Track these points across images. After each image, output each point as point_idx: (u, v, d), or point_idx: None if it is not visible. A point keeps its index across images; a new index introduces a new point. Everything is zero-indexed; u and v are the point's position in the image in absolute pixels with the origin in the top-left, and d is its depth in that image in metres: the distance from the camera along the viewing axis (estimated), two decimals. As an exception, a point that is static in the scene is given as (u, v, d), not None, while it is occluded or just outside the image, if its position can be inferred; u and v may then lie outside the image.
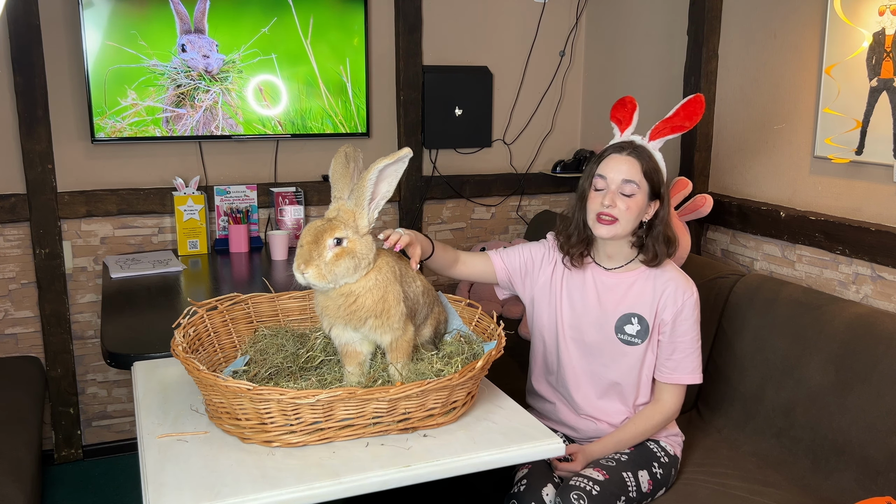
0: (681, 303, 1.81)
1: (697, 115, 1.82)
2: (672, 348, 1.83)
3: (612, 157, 1.78)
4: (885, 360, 1.86)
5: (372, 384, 1.48)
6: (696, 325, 1.84)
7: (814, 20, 2.30)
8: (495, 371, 1.59)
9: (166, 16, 2.75)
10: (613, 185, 1.76)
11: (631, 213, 1.75)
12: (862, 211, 2.20)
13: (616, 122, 1.88)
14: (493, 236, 3.49)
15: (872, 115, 2.10)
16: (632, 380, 1.86)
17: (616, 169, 1.76)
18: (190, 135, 2.87)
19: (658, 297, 1.82)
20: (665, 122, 1.83)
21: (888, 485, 1.79)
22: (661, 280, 1.82)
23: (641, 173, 1.76)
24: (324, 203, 3.15)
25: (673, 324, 1.81)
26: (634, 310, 1.83)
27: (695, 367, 1.85)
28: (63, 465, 2.97)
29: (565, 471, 1.81)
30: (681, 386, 1.86)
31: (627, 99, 1.89)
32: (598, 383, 1.89)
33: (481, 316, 1.72)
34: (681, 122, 1.82)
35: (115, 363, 1.86)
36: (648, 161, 1.77)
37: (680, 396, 1.87)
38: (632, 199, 1.75)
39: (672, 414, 1.87)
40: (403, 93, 3.17)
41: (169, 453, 1.35)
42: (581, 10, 3.41)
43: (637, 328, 1.83)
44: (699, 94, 1.84)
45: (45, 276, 2.82)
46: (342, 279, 1.40)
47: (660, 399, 1.87)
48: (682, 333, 1.82)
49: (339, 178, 1.50)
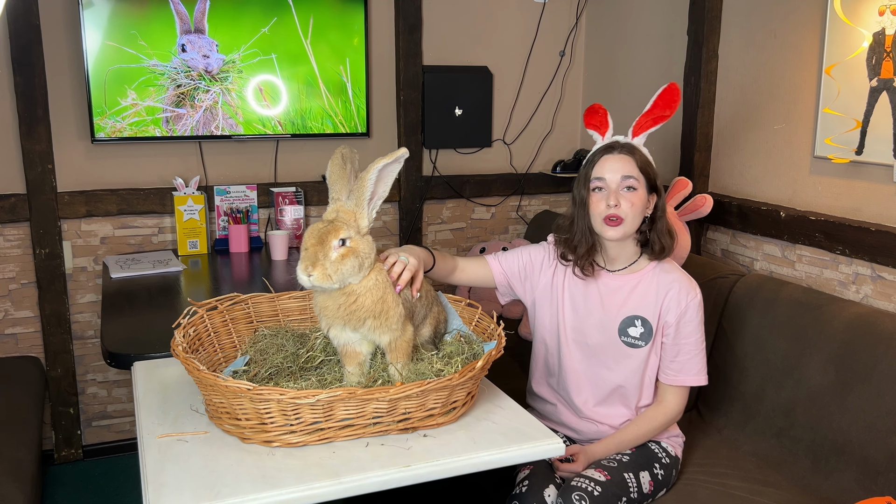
0: (684, 304, 1.80)
1: (675, 102, 1.83)
2: (676, 350, 1.83)
3: (606, 157, 1.78)
4: (885, 360, 1.86)
5: (372, 384, 1.48)
6: (701, 327, 1.83)
7: (814, 20, 2.30)
8: (495, 371, 1.59)
9: (166, 16, 2.75)
10: (614, 185, 1.76)
11: (636, 209, 1.76)
12: (862, 211, 2.20)
13: (593, 128, 1.89)
14: (493, 236, 3.49)
15: (872, 115, 2.10)
16: (635, 382, 1.86)
17: (613, 168, 1.76)
18: (190, 135, 2.87)
19: (662, 299, 1.81)
20: (645, 116, 1.83)
21: (888, 485, 1.79)
22: (665, 282, 1.82)
23: (637, 168, 1.77)
24: (324, 203, 3.15)
25: (677, 325, 1.81)
26: (638, 312, 1.83)
27: (699, 368, 1.84)
28: (63, 465, 2.97)
29: (567, 471, 1.81)
30: (685, 388, 1.86)
31: (596, 106, 1.91)
32: (600, 387, 1.89)
33: (481, 316, 1.72)
34: (661, 113, 1.83)
35: (115, 363, 1.86)
36: (641, 156, 1.79)
37: (683, 398, 1.87)
38: (635, 195, 1.75)
39: (675, 415, 1.87)
40: (403, 93, 3.17)
41: (169, 453, 1.35)
42: (581, 10, 3.41)
43: (641, 330, 1.83)
44: (673, 82, 1.86)
45: (45, 276, 2.82)
46: (348, 279, 1.40)
47: (663, 400, 1.87)
48: (687, 335, 1.82)
49: (337, 180, 1.49)
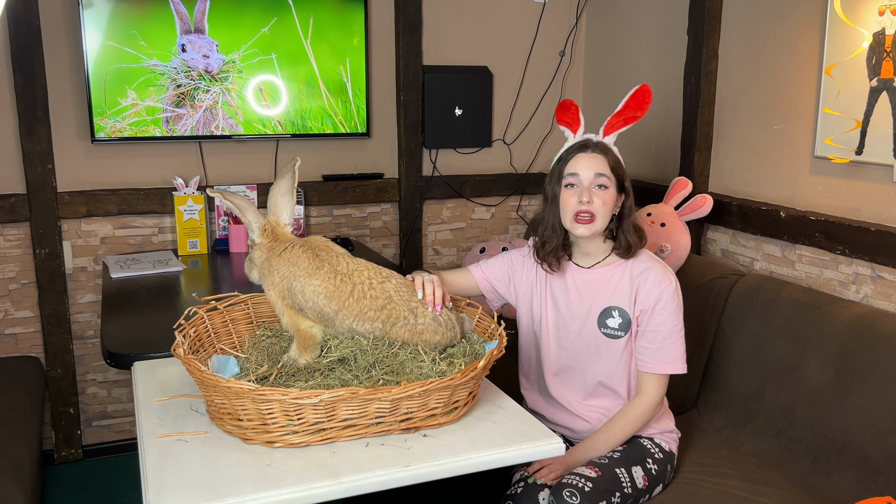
0: (657, 292, 1.80)
1: (647, 104, 1.86)
2: (652, 337, 1.82)
3: (579, 156, 1.81)
4: (885, 360, 1.86)
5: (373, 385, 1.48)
6: (676, 314, 1.83)
7: (814, 20, 2.30)
8: (495, 371, 1.59)
9: (166, 16, 2.75)
10: (587, 182, 1.78)
11: (606, 206, 1.78)
12: (862, 211, 2.20)
13: (565, 125, 1.92)
14: (493, 236, 3.49)
15: (872, 115, 2.10)
16: (619, 374, 1.86)
17: (587, 166, 1.79)
18: (190, 135, 2.87)
19: (636, 289, 1.82)
20: (616, 116, 1.86)
21: (888, 485, 1.79)
22: (638, 271, 1.83)
23: (609, 167, 1.80)
24: (324, 203, 3.16)
25: (651, 313, 1.81)
26: (614, 303, 1.84)
27: (676, 356, 1.83)
28: (63, 465, 2.97)
29: (543, 477, 1.79)
30: (662, 376, 1.84)
31: (568, 102, 1.94)
32: (587, 381, 1.89)
33: (482, 316, 1.72)
34: (632, 114, 1.86)
35: (115, 363, 1.86)
36: (613, 156, 1.82)
37: (661, 386, 1.85)
38: (606, 193, 1.78)
39: (654, 405, 1.84)
40: (403, 93, 3.17)
41: (169, 453, 1.35)
42: (581, 10, 3.41)
43: (619, 321, 1.83)
44: (645, 83, 1.89)
45: (45, 276, 2.82)
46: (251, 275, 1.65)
47: (640, 391, 1.86)
48: (661, 323, 1.81)
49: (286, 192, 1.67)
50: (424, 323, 1.56)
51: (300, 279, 1.54)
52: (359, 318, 1.53)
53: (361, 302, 1.53)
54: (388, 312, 1.54)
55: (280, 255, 1.57)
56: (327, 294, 1.53)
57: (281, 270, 1.56)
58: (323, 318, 1.54)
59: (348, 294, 1.54)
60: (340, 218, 3.22)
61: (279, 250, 1.58)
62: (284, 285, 1.56)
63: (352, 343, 1.53)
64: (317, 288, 1.53)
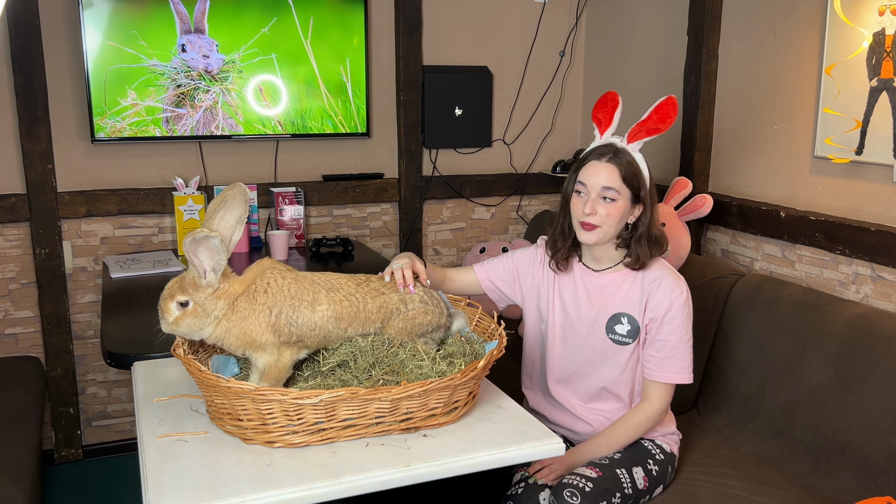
0: (669, 301, 1.79)
1: (671, 118, 1.78)
2: (660, 346, 1.81)
3: (592, 163, 1.77)
4: (885, 360, 1.86)
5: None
6: (686, 324, 1.81)
7: (814, 20, 2.30)
8: (495, 371, 1.59)
9: (166, 16, 2.75)
10: (594, 193, 1.75)
11: (612, 218, 1.75)
12: (862, 211, 2.20)
13: (596, 122, 1.85)
14: (493, 236, 3.49)
15: (872, 115, 2.10)
16: (624, 380, 1.86)
17: (595, 176, 1.75)
18: (190, 135, 2.87)
19: (647, 296, 1.81)
20: (640, 126, 1.80)
21: (888, 485, 1.79)
22: (650, 279, 1.81)
23: (621, 179, 1.74)
24: (324, 203, 3.16)
25: (661, 322, 1.80)
26: (624, 309, 1.83)
27: (683, 366, 1.82)
28: (63, 465, 2.97)
29: (543, 478, 1.79)
30: (668, 385, 1.83)
31: (610, 95, 1.85)
32: (590, 385, 1.88)
33: (481, 316, 1.72)
34: (655, 126, 1.79)
35: (115, 363, 1.86)
36: (628, 167, 1.76)
37: (667, 395, 1.84)
38: (613, 205, 1.75)
39: (658, 413, 1.84)
40: (403, 93, 3.17)
41: (169, 453, 1.35)
42: (581, 10, 3.41)
43: (627, 328, 1.82)
44: (671, 96, 1.80)
45: (45, 276, 2.82)
46: (193, 334, 1.43)
47: (646, 398, 1.85)
48: (670, 332, 1.80)
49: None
50: (414, 307, 1.57)
51: (301, 309, 1.46)
52: (364, 326, 1.53)
53: (364, 311, 1.53)
54: (386, 311, 1.55)
55: (265, 290, 1.44)
56: (337, 315, 1.49)
57: (274, 307, 1.43)
58: (325, 340, 1.50)
59: (355, 309, 1.51)
60: (340, 218, 3.22)
61: (252, 290, 1.44)
62: (281, 321, 1.43)
63: (349, 346, 1.52)
64: (325, 312, 1.47)
